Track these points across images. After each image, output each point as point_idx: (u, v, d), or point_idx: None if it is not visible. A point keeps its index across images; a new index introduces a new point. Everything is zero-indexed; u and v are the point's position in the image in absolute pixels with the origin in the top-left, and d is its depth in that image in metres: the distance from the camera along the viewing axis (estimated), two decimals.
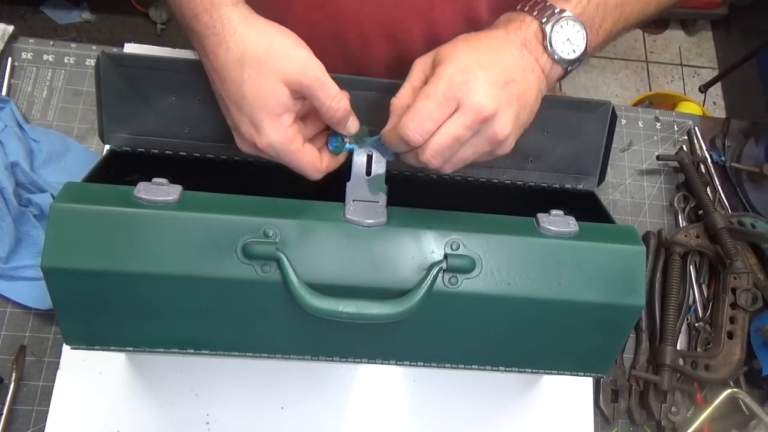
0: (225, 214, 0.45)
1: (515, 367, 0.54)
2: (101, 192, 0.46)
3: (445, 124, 0.43)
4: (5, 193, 0.65)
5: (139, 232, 0.44)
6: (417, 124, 0.43)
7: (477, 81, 0.43)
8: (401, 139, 0.44)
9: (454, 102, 0.43)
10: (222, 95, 0.47)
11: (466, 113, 0.43)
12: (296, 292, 0.44)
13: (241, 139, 0.47)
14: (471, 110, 0.43)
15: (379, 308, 0.44)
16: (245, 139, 0.47)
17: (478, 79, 0.43)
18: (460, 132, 0.43)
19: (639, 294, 0.48)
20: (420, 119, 0.43)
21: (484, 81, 0.43)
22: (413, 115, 0.43)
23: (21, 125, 0.70)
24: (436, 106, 0.43)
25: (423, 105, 0.43)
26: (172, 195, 0.45)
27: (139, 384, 0.63)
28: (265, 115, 0.44)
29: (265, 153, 0.46)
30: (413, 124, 0.43)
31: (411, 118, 0.43)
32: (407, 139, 0.43)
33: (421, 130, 0.43)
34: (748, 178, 0.83)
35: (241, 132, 0.47)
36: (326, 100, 0.45)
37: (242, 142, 0.48)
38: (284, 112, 0.45)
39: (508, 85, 0.44)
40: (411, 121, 0.43)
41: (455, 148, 0.44)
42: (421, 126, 0.43)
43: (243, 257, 0.45)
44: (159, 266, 0.44)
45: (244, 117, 0.45)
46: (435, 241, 0.47)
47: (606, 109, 0.56)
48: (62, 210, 0.44)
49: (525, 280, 0.47)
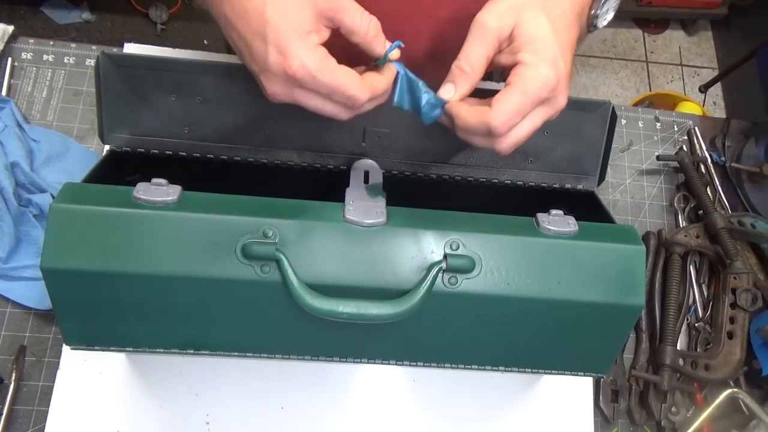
0: (224, 215, 0.45)
1: (515, 367, 0.54)
2: (100, 192, 0.45)
3: (529, 116, 0.45)
4: (5, 193, 0.65)
5: (138, 232, 0.44)
6: (510, 118, 0.43)
7: (563, 80, 0.44)
8: (485, 126, 0.43)
9: (545, 100, 0.44)
10: (243, 35, 0.43)
11: (550, 110, 0.45)
12: (296, 292, 0.44)
13: (269, 77, 0.43)
14: (555, 108, 0.45)
15: (378, 308, 0.44)
16: (274, 72, 0.42)
17: (564, 78, 0.44)
18: (539, 124, 0.45)
19: (639, 294, 0.48)
20: (513, 115, 0.43)
21: (567, 76, 0.45)
22: (507, 110, 0.43)
23: (21, 125, 0.70)
24: (530, 105, 0.44)
25: (521, 102, 0.43)
26: (172, 195, 0.45)
27: (139, 384, 0.63)
28: (293, 34, 0.41)
29: (300, 81, 0.42)
30: (506, 118, 0.43)
31: (505, 112, 0.43)
32: (494, 130, 0.43)
33: (512, 124, 0.44)
34: (748, 178, 0.83)
35: (268, 66, 0.42)
36: (356, 16, 0.43)
37: (270, 81, 0.43)
38: (311, 31, 0.42)
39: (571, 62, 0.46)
40: (505, 114, 0.43)
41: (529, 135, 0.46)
42: (513, 121, 0.43)
43: (242, 258, 0.45)
44: (158, 267, 0.44)
45: (270, 47, 0.42)
46: (435, 241, 0.47)
47: (606, 109, 0.56)
48: (62, 210, 0.44)
49: (525, 280, 0.47)
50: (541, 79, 0.43)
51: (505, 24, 0.45)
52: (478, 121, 0.44)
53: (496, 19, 0.45)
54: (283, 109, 0.53)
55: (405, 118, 0.55)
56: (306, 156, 0.56)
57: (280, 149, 0.55)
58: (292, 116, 0.54)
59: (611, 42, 2.26)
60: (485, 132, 0.44)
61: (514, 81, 0.44)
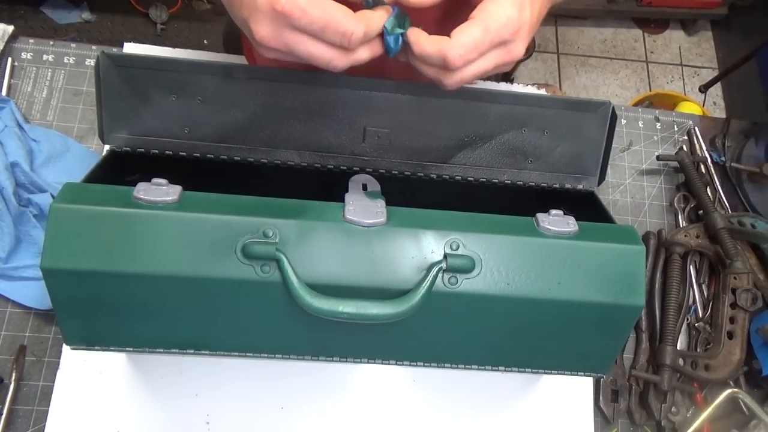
0: (224, 215, 0.45)
1: (515, 366, 0.54)
2: (100, 192, 0.45)
3: (485, 57, 0.43)
4: (5, 193, 0.65)
5: (138, 232, 0.44)
6: (467, 52, 0.42)
7: (525, 27, 0.43)
8: (441, 56, 0.42)
9: (503, 42, 0.43)
10: None
11: (506, 56, 0.43)
12: (296, 292, 0.44)
13: (257, 17, 0.41)
14: (511, 55, 0.43)
15: (378, 308, 0.44)
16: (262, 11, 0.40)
17: (526, 26, 0.43)
18: (491, 68, 0.43)
19: (639, 294, 0.48)
20: (471, 49, 0.42)
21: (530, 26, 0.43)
22: (465, 43, 0.41)
23: (21, 125, 0.70)
24: (489, 44, 0.42)
25: (480, 37, 0.42)
26: (172, 195, 0.45)
27: (139, 384, 0.63)
28: None
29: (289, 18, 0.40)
30: (464, 51, 0.41)
31: (463, 44, 0.41)
32: (450, 62, 0.42)
33: (468, 59, 0.42)
34: (748, 178, 0.83)
35: (257, 5, 0.40)
36: None
37: (259, 23, 0.41)
38: None
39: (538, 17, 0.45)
40: (463, 47, 0.41)
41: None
42: (469, 56, 0.42)
43: (243, 257, 0.45)
44: (159, 267, 0.44)
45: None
46: (435, 241, 0.47)
47: (606, 109, 0.56)
48: (62, 210, 0.44)
49: (525, 280, 0.47)
50: (504, 18, 0.42)
51: None
52: (435, 50, 0.42)
53: None
54: (283, 109, 0.54)
55: (405, 118, 0.55)
56: (306, 156, 0.56)
57: (280, 149, 0.55)
58: (292, 116, 0.54)
59: (611, 42, 2.26)
60: (440, 63, 0.43)
61: (477, 15, 0.42)
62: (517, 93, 0.55)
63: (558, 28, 2.24)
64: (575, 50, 2.22)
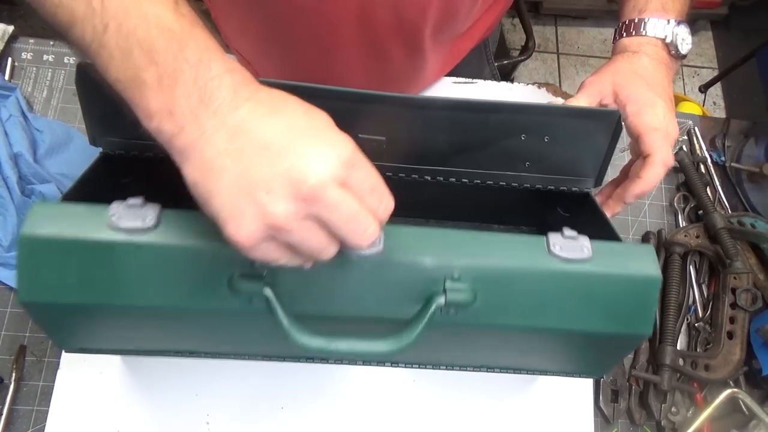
0: (208, 243, 0.40)
1: (512, 370, 0.53)
2: (74, 215, 0.41)
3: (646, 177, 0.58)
4: (9, 183, 0.66)
5: (114, 262, 0.40)
6: (642, 191, 0.58)
7: (673, 135, 0.58)
8: (623, 203, 0.60)
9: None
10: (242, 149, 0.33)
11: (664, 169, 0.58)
12: (286, 331, 0.40)
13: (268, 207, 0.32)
14: (666, 166, 0.57)
15: (372, 346, 0.40)
16: (284, 194, 0.32)
17: (672, 138, 0.58)
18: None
19: (648, 323, 0.45)
20: (647, 187, 0.57)
21: (674, 124, 0.59)
22: (645, 186, 0.57)
23: (25, 114, 0.71)
24: (660, 176, 0.57)
25: (654, 175, 0.56)
26: (149, 218, 0.41)
27: (140, 384, 0.63)
28: (325, 135, 0.34)
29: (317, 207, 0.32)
30: (639, 191, 0.58)
31: (642, 188, 0.58)
32: (628, 202, 0.59)
33: (644, 193, 0.58)
34: (748, 178, 0.83)
35: (274, 190, 0.32)
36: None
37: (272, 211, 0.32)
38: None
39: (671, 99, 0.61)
40: (653, 185, 0.57)
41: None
42: (646, 191, 0.58)
43: (230, 291, 0.41)
44: (140, 300, 0.41)
45: (280, 160, 0.32)
46: (433, 271, 0.43)
47: (613, 117, 0.54)
48: (32, 239, 0.40)
49: (528, 311, 0.44)
50: (663, 150, 0.56)
51: (605, 82, 0.59)
52: (639, 195, 0.59)
53: (596, 80, 0.60)
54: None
55: (400, 127, 0.53)
56: None
57: None
58: None
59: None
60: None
61: (654, 152, 0.57)
62: (520, 104, 0.53)
63: (558, 28, 2.24)
64: (575, 50, 2.22)
